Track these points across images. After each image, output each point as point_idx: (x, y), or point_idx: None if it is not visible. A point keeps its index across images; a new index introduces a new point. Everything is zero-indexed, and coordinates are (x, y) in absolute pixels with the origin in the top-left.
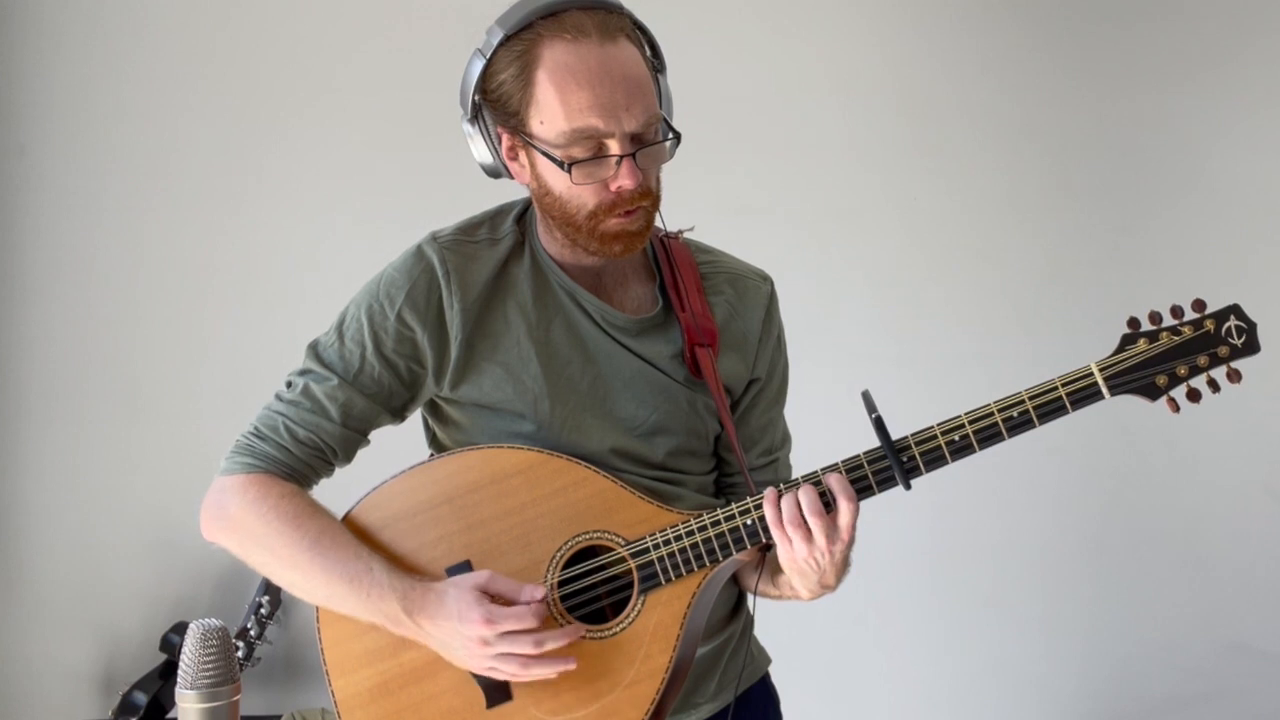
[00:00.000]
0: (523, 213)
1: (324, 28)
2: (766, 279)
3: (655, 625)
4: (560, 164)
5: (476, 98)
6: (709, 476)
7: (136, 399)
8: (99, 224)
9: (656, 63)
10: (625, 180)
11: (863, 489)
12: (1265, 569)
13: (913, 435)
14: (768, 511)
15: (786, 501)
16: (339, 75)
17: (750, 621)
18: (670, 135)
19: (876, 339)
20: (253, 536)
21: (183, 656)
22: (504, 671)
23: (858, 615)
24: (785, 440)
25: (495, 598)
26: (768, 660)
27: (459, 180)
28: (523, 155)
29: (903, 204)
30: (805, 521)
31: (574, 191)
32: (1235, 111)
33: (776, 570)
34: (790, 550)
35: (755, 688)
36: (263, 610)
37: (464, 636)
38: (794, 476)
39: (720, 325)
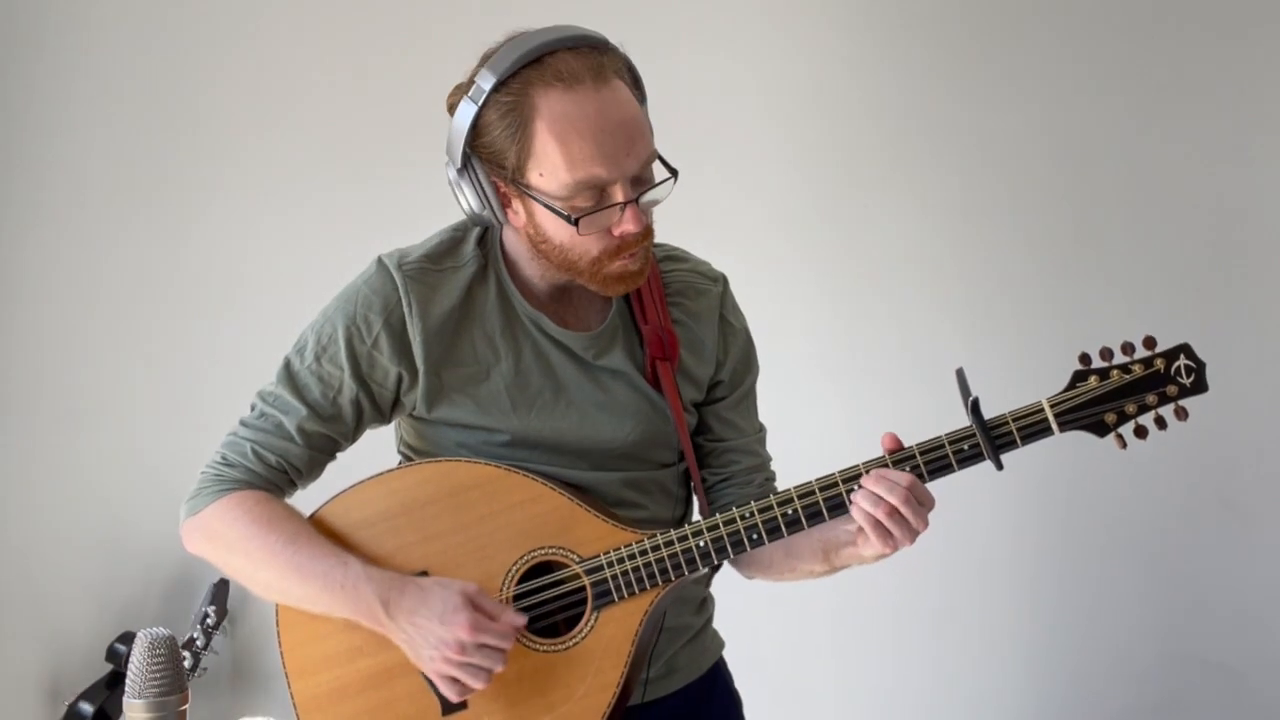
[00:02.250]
0: (483, 234)
1: (291, 32)
2: (717, 280)
3: (608, 641)
4: (566, 217)
5: (467, 150)
6: (682, 477)
7: (83, 406)
8: (44, 232)
9: (639, 94)
10: (630, 225)
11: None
12: (1219, 580)
13: (864, 466)
14: (864, 517)
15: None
16: (295, 82)
17: (711, 616)
18: (668, 174)
19: (819, 354)
20: (227, 542)
21: (130, 665)
22: (463, 681)
23: (806, 627)
24: (762, 427)
25: (479, 610)
26: (721, 644)
27: (416, 194)
28: (518, 204)
29: (849, 215)
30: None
31: (578, 241)
32: (1190, 125)
33: (832, 548)
34: (888, 540)
35: (710, 673)
36: (209, 620)
37: (439, 637)
38: (773, 466)
39: (680, 335)
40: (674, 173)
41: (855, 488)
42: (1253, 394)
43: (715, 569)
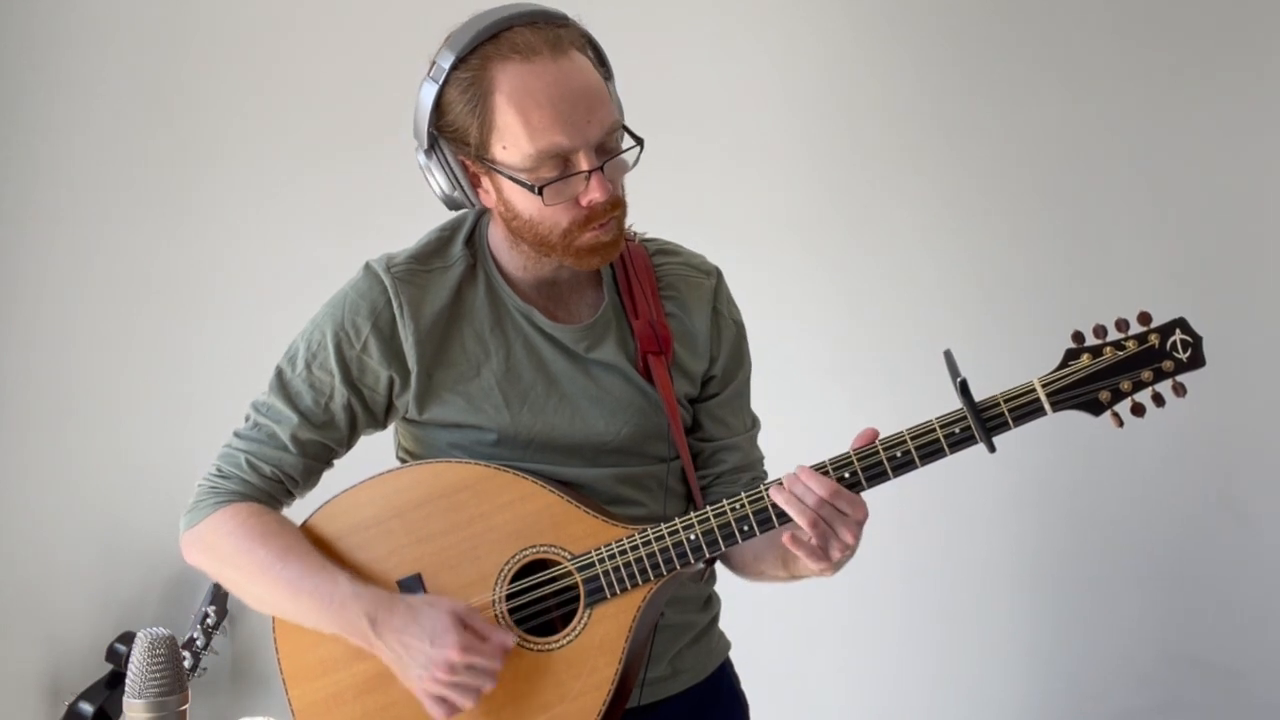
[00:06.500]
0: (471, 232)
1: (280, 31)
2: (710, 273)
3: (601, 638)
4: (530, 188)
5: (432, 130)
6: (682, 472)
7: (82, 407)
8: (41, 232)
9: (604, 71)
10: (596, 194)
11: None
12: (1220, 581)
13: (854, 452)
14: (790, 506)
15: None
16: (285, 79)
17: (717, 615)
18: (633, 143)
19: (824, 350)
20: (221, 556)
21: (130, 665)
22: (452, 700)
23: (812, 629)
24: (754, 424)
25: (469, 629)
26: (728, 645)
27: (411, 193)
28: (487, 181)
29: (863, 213)
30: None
31: (546, 213)
32: (1200, 123)
33: (791, 557)
34: (816, 554)
35: (715, 675)
36: (209, 620)
37: (429, 657)
38: (764, 465)
39: (674, 328)
40: (639, 141)
41: (845, 475)
42: (1254, 395)
43: (710, 563)
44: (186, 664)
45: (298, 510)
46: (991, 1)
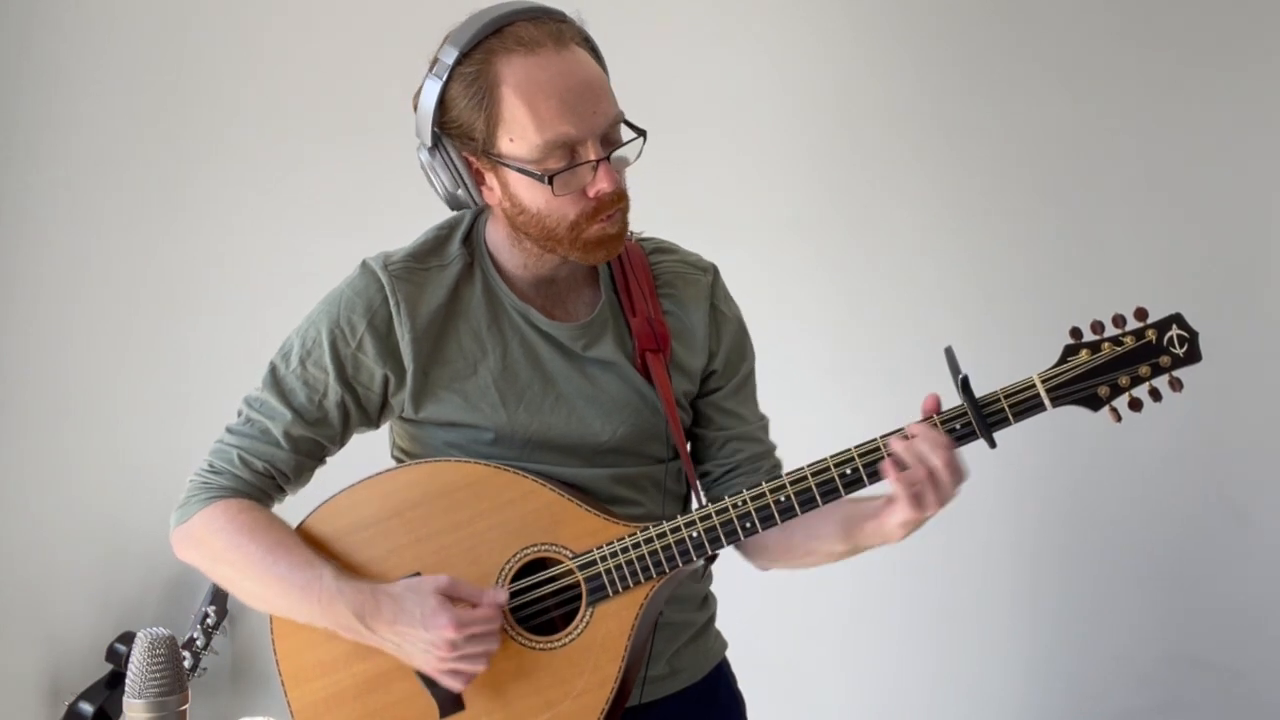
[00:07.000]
0: (469, 231)
1: (277, 27)
2: (707, 270)
3: (604, 636)
4: (539, 178)
5: (436, 128)
6: (679, 473)
7: (81, 405)
8: (36, 231)
9: (601, 67)
10: (604, 183)
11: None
12: (1220, 581)
13: (856, 448)
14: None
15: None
16: (281, 76)
17: (714, 614)
18: (635, 134)
19: (824, 350)
20: (213, 552)
21: (130, 665)
22: (464, 673)
23: (812, 627)
24: (762, 420)
25: (457, 602)
26: (724, 645)
27: (409, 190)
28: (491, 178)
29: (864, 214)
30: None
31: (554, 204)
32: (1189, 118)
33: (854, 523)
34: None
35: (713, 674)
36: (209, 620)
37: (426, 641)
38: (778, 454)
39: (671, 325)
40: (641, 133)
41: (848, 471)
42: (1253, 394)
43: (710, 561)
44: (186, 664)
45: (293, 509)
46: (991, 1)
